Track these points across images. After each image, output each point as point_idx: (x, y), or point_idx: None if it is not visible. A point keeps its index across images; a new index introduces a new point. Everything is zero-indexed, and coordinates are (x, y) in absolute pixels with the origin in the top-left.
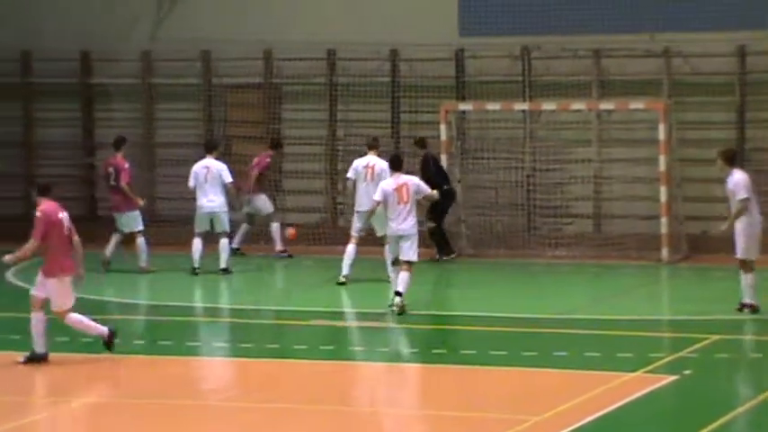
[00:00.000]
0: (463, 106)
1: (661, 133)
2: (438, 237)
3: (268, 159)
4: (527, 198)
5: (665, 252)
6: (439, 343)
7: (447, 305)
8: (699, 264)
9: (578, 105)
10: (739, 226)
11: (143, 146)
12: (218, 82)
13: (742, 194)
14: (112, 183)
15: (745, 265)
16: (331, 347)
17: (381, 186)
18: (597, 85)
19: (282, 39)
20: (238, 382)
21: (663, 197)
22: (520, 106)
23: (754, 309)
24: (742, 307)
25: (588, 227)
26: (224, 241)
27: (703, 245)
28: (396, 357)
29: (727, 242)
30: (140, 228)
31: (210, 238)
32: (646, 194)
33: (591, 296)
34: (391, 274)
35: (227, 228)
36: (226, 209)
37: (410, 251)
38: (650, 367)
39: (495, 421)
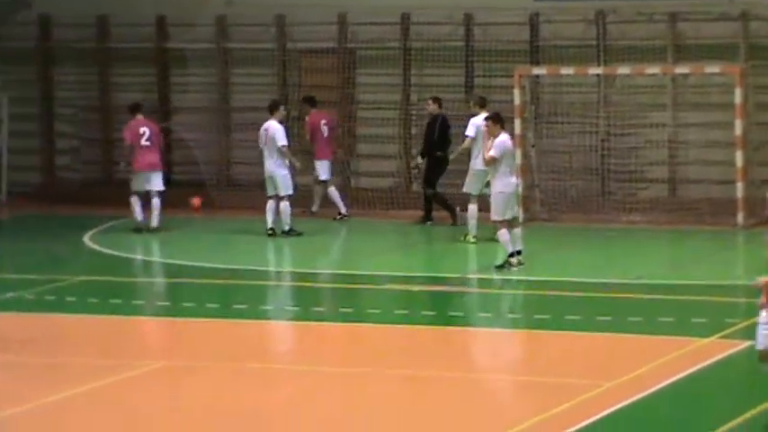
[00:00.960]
0: (537, 71)
1: (737, 97)
2: (440, 201)
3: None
4: (601, 163)
5: (740, 217)
6: (513, 307)
7: (521, 270)
8: None
9: (653, 70)
10: None
11: (218, 110)
12: (293, 47)
13: None
14: (146, 142)
15: None
16: (405, 312)
17: (500, 143)
18: (672, 49)
19: (356, 3)
20: (308, 346)
21: (739, 162)
22: (594, 71)
23: None
24: None
25: (663, 191)
26: (284, 204)
27: None
28: (469, 322)
29: None
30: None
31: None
32: (721, 159)
33: (666, 261)
34: (505, 237)
35: (283, 191)
36: (283, 171)
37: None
38: (725, 332)
39: (570, 386)
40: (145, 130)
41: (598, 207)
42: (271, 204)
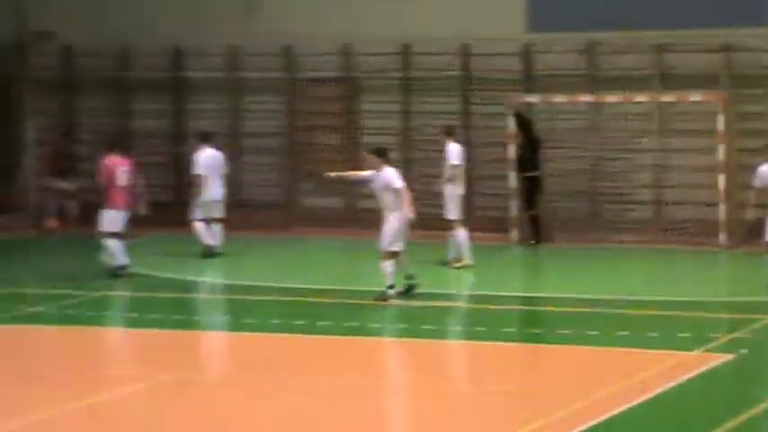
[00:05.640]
0: (531, 99)
1: (720, 124)
2: (533, 222)
3: None
4: (591, 186)
5: (722, 237)
6: (508, 322)
7: (515, 287)
8: (756, 249)
9: (641, 98)
10: None
11: (230, 136)
12: (301, 76)
13: None
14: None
15: None
16: (405, 326)
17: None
18: (659, 78)
19: (360, 35)
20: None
21: (721, 185)
22: (585, 99)
23: None
24: None
25: (649, 213)
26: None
27: (760, 230)
28: (471, 336)
29: None
30: None
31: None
32: (705, 182)
33: (652, 278)
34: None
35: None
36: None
37: None
38: (708, 346)
39: (560, 397)
40: (123, 168)
41: (589, 228)
42: (204, 225)
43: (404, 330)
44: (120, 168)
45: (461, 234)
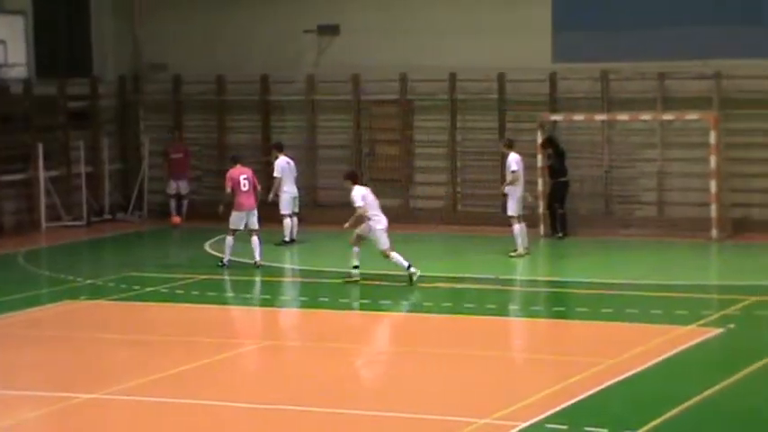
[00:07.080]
0: (555, 117)
1: (712, 139)
2: (557, 217)
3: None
4: (605, 189)
5: (714, 232)
6: (534, 302)
7: (540, 272)
8: (741, 241)
9: (646, 116)
10: None
11: (307, 148)
12: (365, 98)
13: None
14: (244, 188)
15: None
16: (449, 304)
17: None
18: (661, 100)
19: (414, 64)
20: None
21: (712, 189)
22: (599, 117)
23: None
24: None
25: (653, 212)
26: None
27: (745, 226)
28: (503, 313)
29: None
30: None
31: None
32: (699, 186)
33: (655, 266)
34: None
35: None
36: None
37: None
38: (701, 322)
39: (579, 363)
40: (246, 176)
41: (602, 224)
42: (292, 220)
43: (448, 308)
44: (241, 177)
45: (517, 227)
